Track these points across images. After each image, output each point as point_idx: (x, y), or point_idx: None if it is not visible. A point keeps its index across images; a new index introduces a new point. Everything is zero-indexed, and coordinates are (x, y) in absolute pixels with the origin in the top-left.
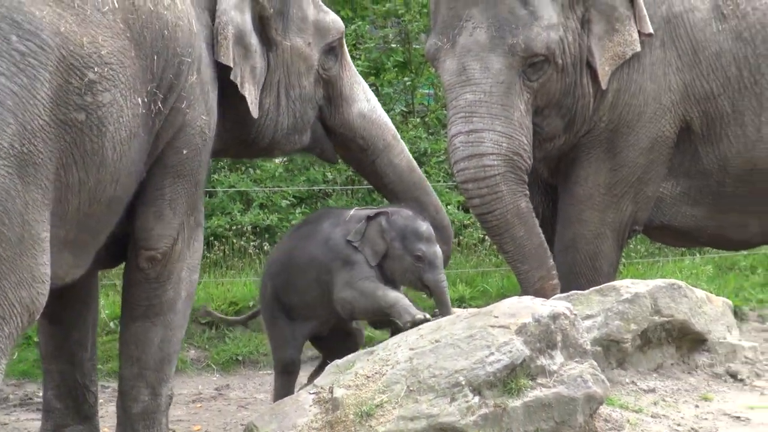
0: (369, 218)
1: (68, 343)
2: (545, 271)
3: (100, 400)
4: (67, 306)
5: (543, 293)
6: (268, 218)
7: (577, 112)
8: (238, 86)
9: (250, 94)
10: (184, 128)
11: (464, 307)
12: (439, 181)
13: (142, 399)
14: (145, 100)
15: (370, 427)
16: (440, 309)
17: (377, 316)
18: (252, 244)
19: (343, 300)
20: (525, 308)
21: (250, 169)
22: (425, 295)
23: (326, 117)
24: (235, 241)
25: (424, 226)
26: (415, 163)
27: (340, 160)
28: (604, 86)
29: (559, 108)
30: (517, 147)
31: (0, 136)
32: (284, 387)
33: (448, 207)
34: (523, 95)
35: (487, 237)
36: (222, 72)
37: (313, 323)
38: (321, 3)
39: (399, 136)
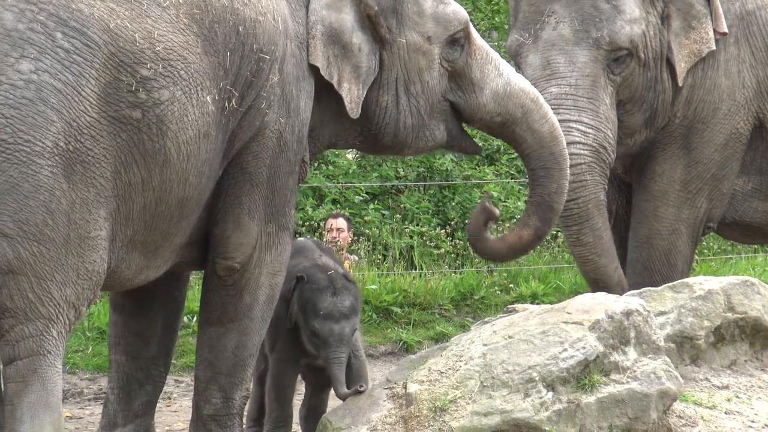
0: (297, 279)
1: (127, 332)
2: (617, 264)
3: (174, 395)
4: (128, 294)
5: (622, 284)
6: (336, 211)
7: (658, 108)
8: (335, 86)
9: (350, 93)
10: (263, 130)
11: (537, 304)
12: (510, 178)
13: (214, 402)
14: (216, 97)
15: (444, 422)
16: (333, 385)
17: None
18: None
19: (270, 368)
20: (598, 304)
21: (322, 165)
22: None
23: (462, 107)
24: (308, 236)
25: (326, 301)
26: (560, 132)
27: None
28: (680, 83)
29: (642, 103)
30: (602, 140)
31: (43, 134)
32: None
33: (519, 204)
34: (607, 89)
35: (560, 233)
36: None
37: None
38: None
39: (542, 100)
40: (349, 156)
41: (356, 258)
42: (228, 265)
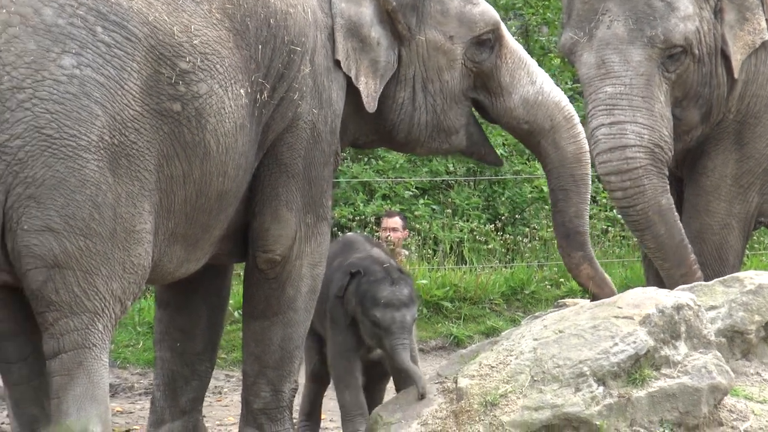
0: (351, 275)
1: (172, 328)
2: (686, 269)
3: (225, 389)
4: (172, 290)
5: None
6: (391, 209)
7: (714, 102)
8: (353, 79)
9: (368, 87)
10: (296, 121)
11: (588, 298)
12: None
13: (264, 396)
14: (249, 90)
15: (495, 416)
16: (395, 374)
17: None
18: (375, 234)
19: (330, 365)
20: (649, 299)
21: (372, 159)
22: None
23: (488, 109)
24: (358, 231)
25: (386, 290)
26: (587, 157)
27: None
28: (736, 75)
29: (697, 99)
30: (658, 139)
31: (89, 128)
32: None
33: None
34: (662, 87)
35: (610, 228)
36: None
37: None
38: None
39: (576, 120)
40: None
41: (407, 252)
42: (269, 258)
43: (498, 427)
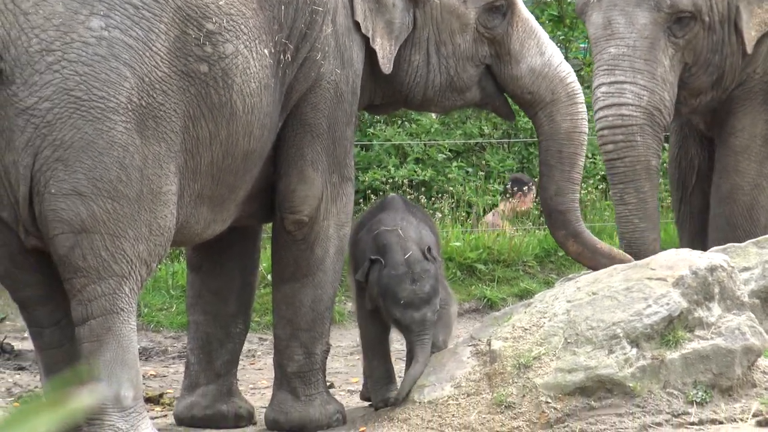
0: (371, 261)
1: (205, 291)
2: (657, 235)
3: (258, 353)
4: (204, 253)
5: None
6: (423, 172)
7: (726, 69)
8: (370, 41)
9: (383, 48)
10: (319, 81)
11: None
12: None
13: (297, 359)
14: (273, 50)
15: (528, 379)
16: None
17: None
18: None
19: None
20: (682, 260)
21: (406, 123)
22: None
23: (496, 75)
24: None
25: (406, 290)
26: (581, 137)
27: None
28: (749, 51)
29: (707, 66)
30: (657, 102)
31: (117, 90)
32: None
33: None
34: (667, 51)
35: None
36: None
37: None
38: None
39: (579, 99)
40: (433, 114)
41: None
42: (296, 219)
43: (531, 390)
